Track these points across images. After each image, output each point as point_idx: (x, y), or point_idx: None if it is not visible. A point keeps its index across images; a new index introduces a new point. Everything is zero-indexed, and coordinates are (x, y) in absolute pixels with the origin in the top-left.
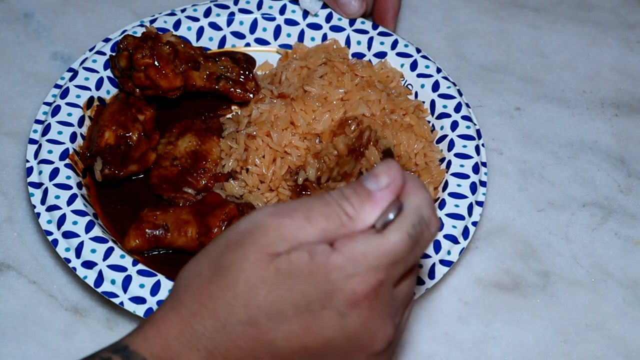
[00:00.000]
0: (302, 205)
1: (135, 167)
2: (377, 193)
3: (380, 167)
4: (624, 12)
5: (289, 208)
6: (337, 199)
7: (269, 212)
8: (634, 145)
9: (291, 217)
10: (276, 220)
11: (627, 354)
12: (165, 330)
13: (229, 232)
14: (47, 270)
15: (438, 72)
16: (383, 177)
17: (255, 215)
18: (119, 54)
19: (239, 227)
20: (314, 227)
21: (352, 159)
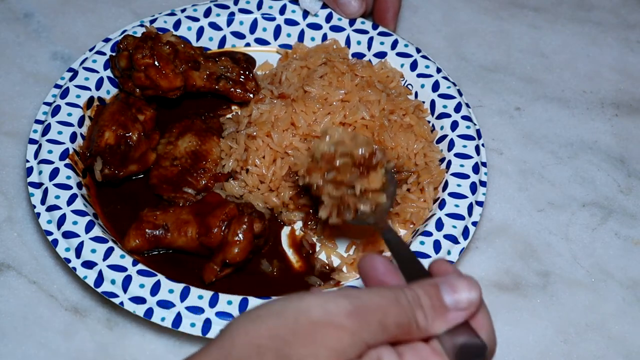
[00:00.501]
0: (379, 308)
1: (135, 167)
2: (453, 313)
3: (461, 284)
4: (624, 12)
5: (366, 309)
6: (412, 304)
7: (347, 312)
8: (634, 145)
9: (368, 322)
10: (354, 324)
11: (627, 354)
12: None
13: (299, 313)
14: (47, 270)
15: (438, 72)
16: (463, 295)
17: (330, 307)
18: (119, 54)
19: (311, 314)
20: (385, 334)
21: (356, 171)
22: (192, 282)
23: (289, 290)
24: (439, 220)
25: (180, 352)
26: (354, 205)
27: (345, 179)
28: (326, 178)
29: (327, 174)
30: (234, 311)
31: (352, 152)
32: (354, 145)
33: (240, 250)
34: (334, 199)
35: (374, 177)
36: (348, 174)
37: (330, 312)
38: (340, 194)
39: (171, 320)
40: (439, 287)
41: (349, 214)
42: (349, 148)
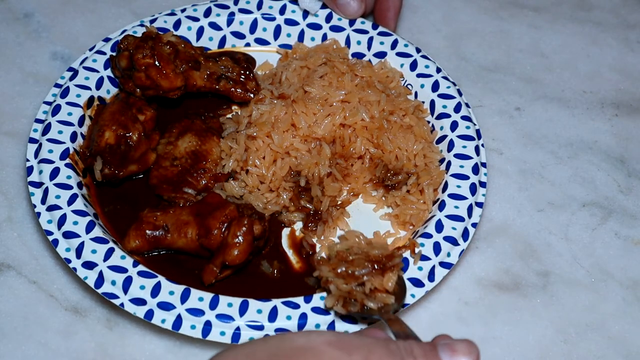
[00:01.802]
0: (364, 345)
1: (135, 167)
2: None
3: (461, 345)
4: (624, 12)
5: (350, 344)
6: (402, 351)
7: (328, 341)
8: (634, 145)
9: (349, 353)
10: (333, 351)
11: (627, 354)
12: None
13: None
14: (47, 270)
15: (438, 72)
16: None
17: (313, 337)
18: (120, 54)
19: (293, 341)
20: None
21: (370, 268)
22: (192, 283)
23: (289, 291)
24: (438, 221)
25: (180, 353)
26: (361, 300)
27: (356, 273)
28: (337, 271)
29: (339, 268)
30: (234, 313)
31: (368, 251)
32: (369, 248)
33: (240, 253)
34: (341, 291)
35: (388, 278)
36: (359, 269)
37: (313, 340)
38: (348, 289)
39: (171, 322)
40: (436, 346)
41: (355, 308)
42: (364, 250)
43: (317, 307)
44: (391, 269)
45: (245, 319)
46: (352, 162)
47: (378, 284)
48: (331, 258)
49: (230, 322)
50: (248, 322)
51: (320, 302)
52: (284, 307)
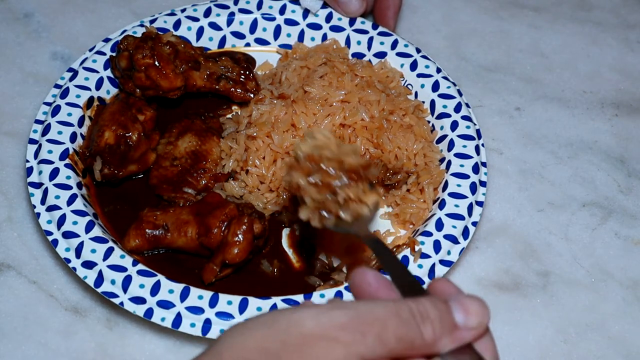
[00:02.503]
0: (376, 319)
1: (135, 167)
2: (463, 332)
3: (473, 305)
4: (624, 12)
5: (361, 321)
6: (417, 318)
7: (339, 323)
8: (634, 145)
9: (363, 333)
10: (348, 336)
11: (627, 354)
12: None
13: (290, 325)
14: (47, 270)
15: (438, 72)
16: (474, 316)
17: (322, 319)
18: (120, 54)
19: (303, 326)
20: (384, 347)
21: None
22: (192, 282)
23: (289, 290)
24: (438, 220)
25: (180, 352)
26: (336, 211)
27: (331, 183)
28: (310, 180)
29: (312, 175)
30: (234, 311)
31: (341, 158)
32: (340, 152)
33: (240, 251)
34: (315, 202)
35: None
36: (334, 180)
37: (323, 324)
38: (322, 199)
39: (171, 321)
40: (449, 304)
41: (330, 220)
42: (336, 154)
43: None
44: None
45: (245, 317)
46: None
47: (352, 194)
48: (300, 160)
49: (230, 319)
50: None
51: (320, 299)
52: (283, 304)
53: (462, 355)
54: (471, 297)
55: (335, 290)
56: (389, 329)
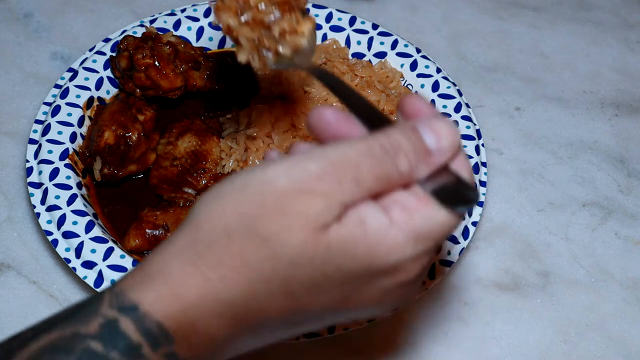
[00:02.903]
0: (348, 162)
1: (135, 167)
2: (436, 155)
3: (443, 126)
4: (624, 12)
5: (335, 167)
6: (390, 153)
7: (314, 174)
8: (634, 145)
9: (339, 180)
10: (323, 186)
11: (627, 354)
12: (185, 292)
13: (263, 185)
14: (47, 270)
15: (438, 72)
16: (446, 139)
17: (296, 174)
18: (120, 54)
19: (277, 185)
20: (362, 189)
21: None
22: None
23: None
24: None
25: None
26: (274, 47)
27: (263, 19)
28: (241, 19)
29: (243, 14)
30: None
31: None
32: None
33: None
34: (251, 42)
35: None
36: (265, 15)
37: (297, 178)
38: (256, 36)
39: None
40: (418, 129)
41: (270, 57)
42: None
43: None
44: (295, 10)
45: None
46: None
47: (287, 26)
48: (227, 1)
49: None
50: None
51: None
52: None
53: (439, 177)
54: (439, 119)
55: None
56: (364, 170)
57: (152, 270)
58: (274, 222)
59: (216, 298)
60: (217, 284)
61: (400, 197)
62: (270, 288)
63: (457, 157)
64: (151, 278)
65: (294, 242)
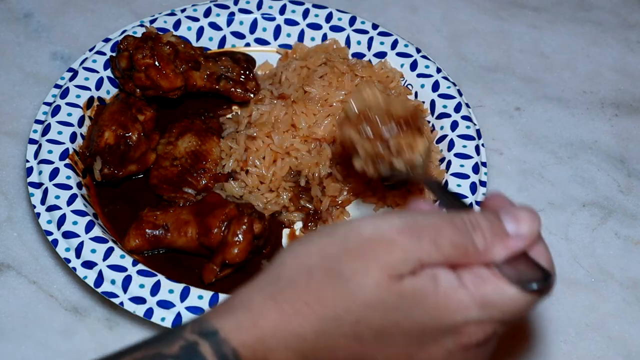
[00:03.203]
0: (431, 225)
1: (135, 167)
2: (514, 239)
3: (524, 213)
4: (624, 12)
5: (418, 226)
6: (468, 227)
7: (397, 228)
8: (634, 145)
9: (419, 238)
10: (404, 239)
11: (627, 354)
12: (262, 323)
13: (349, 231)
14: (47, 270)
15: (438, 72)
16: (525, 224)
17: (381, 225)
18: (120, 54)
19: (362, 232)
20: (439, 252)
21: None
22: (192, 282)
23: None
24: None
25: None
26: (389, 159)
27: (382, 134)
28: (361, 132)
29: (363, 128)
30: None
31: (390, 109)
32: (387, 104)
33: (240, 251)
34: (368, 153)
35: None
36: (384, 129)
37: (381, 229)
38: (374, 149)
39: (171, 321)
40: (499, 214)
41: (384, 167)
42: (384, 106)
43: None
44: (416, 129)
45: None
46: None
47: (404, 143)
48: (350, 116)
49: None
50: None
51: None
52: None
53: (518, 264)
54: (522, 207)
55: None
56: (443, 234)
57: (234, 303)
58: (353, 263)
59: (290, 331)
60: (292, 318)
61: (476, 269)
62: (341, 328)
63: (537, 245)
64: (233, 309)
65: (369, 284)
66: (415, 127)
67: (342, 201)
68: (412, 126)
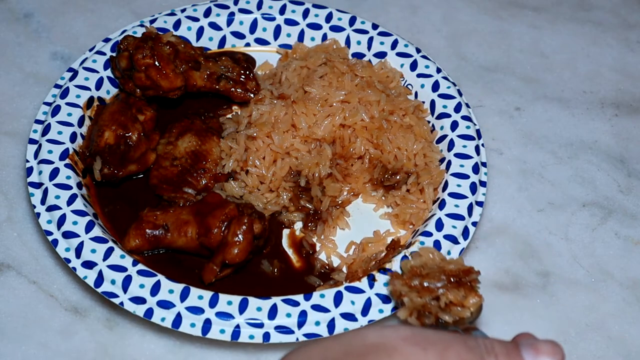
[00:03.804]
0: (441, 340)
1: (135, 167)
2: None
3: (545, 345)
4: (624, 12)
5: (426, 339)
6: (482, 348)
7: (403, 337)
8: (634, 145)
9: (425, 349)
10: (407, 348)
11: (627, 354)
12: None
13: (354, 336)
14: (47, 270)
15: (438, 72)
16: (545, 355)
17: (387, 332)
18: (120, 54)
19: (366, 338)
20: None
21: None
22: (192, 282)
23: (289, 290)
24: (438, 220)
25: (180, 352)
26: (436, 313)
27: (431, 286)
28: (410, 284)
29: (413, 281)
30: (234, 311)
31: (444, 266)
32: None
33: (240, 251)
34: (415, 304)
35: (467, 294)
36: (434, 281)
37: (387, 336)
38: (422, 303)
39: (171, 321)
40: (518, 344)
41: (429, 320)
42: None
43: (317, 305)
44: (468, 285)
45: (245, 317)
46: (352, 162)
47: (453, 298)
48: (405, 273)
49: (230, 319)
50: (248, 319)
51: (320, 299)
52: (283, 304)
53: None
54: (546, 340)
55: (335, 291)
56: (452, 350)
57: None
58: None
59: None
60: None
61: None
62: None
63: None
64: None
65: None
66: (468, 282)
67: (342, 201)
68: (463, 282)
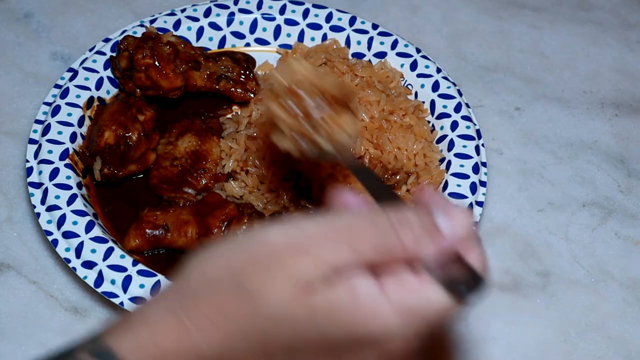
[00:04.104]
0: (347, 227)
1: (135, 167)
2: (448, 240)
3: (459, 213)
4: (624, 12)
5: (332, 229)
6: (394, 224)
7: (307, 233)
8: (634, 145)
9: (333, 242)
10: (316, 245)
11: (627, 354)
12: (161, 339)
13: (257, 242)
14: (47, 270)
15: (438, 72)
16: (460, 224)
17: (289, 231)
18: (120, 54)
19: (270, 240)
20: (358, 257)
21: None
22: None
23: None
24: None
25: None
26: (312, 137)
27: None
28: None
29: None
30: None
31: (322, 86)
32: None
33: None
34: (291, 130)
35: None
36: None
37: (291, 236)
38: (297, 125)
39: None
40: (432, 211)
41: (309, 147)
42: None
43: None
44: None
45: None
46: None
47: (330, 120)
48: (276, 91)
49: None
50: None
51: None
52: None
53: (450, 266)
54: (456, 205)
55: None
56: (362, 237)
57: (134, 318)
58: (259, 276)
59: (191, 348)
60: (194, 334)
61: (400, 274)
62: (248, 344)
63: (472, 248)
64: (132, 326)
65: (275, 297)
66: (347, 107)
67: None
68: (343, 106)
